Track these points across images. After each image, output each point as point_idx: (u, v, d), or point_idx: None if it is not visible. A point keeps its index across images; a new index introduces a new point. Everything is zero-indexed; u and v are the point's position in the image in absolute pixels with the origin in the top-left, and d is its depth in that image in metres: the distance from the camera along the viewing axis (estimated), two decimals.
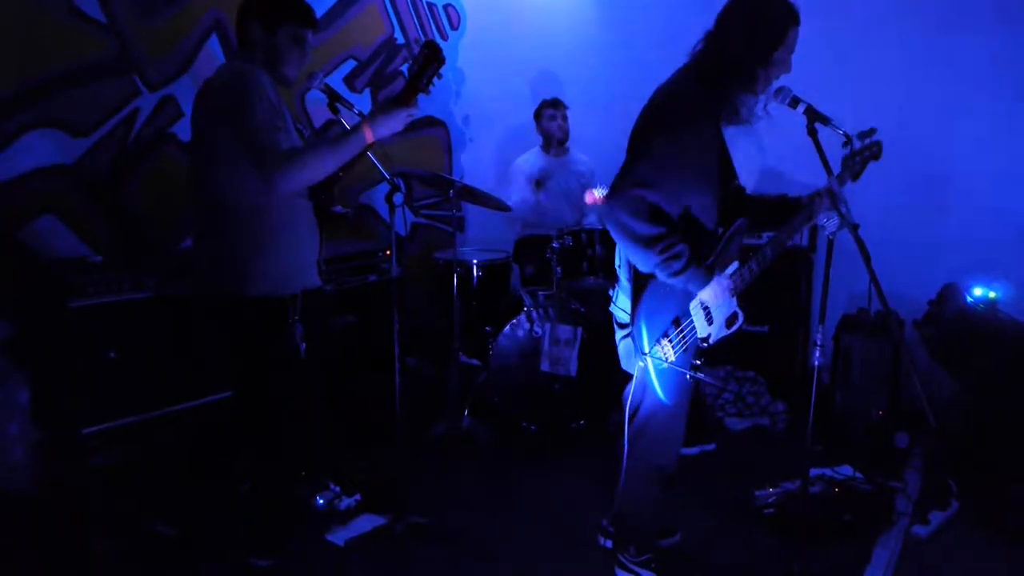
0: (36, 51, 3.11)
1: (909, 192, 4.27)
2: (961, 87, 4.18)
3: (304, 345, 2.56)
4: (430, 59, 2.42)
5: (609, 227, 2.38)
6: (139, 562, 2.75)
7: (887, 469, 3.46)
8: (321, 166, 2.37)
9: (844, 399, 3.97)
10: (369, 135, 2.38)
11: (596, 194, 3.48)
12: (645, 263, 2.33)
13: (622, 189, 2.32)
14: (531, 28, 5.27)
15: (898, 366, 3.81)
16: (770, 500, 3.12)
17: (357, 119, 2.87)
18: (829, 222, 2.38)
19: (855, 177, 2.49)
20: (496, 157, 5.35)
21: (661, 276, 2.33)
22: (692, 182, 2.35)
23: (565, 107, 4.61)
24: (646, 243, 2.27)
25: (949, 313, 3.70)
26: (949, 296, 3.76)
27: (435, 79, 2.46)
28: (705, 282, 2.35)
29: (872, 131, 2.45)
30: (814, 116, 2.32)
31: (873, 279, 2.25)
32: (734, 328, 2.54)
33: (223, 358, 2.71)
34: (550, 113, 4.58)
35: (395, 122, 2.41)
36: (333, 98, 2.75)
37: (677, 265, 2.28)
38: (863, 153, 2.47)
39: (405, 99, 2.41)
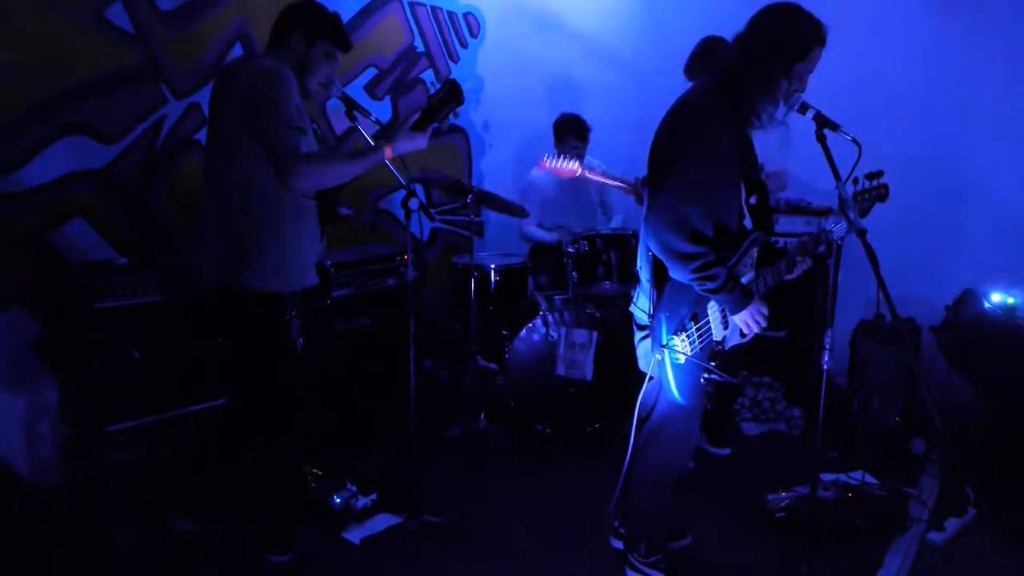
0: (67, 61, 3.21)
1: (927, 197, 4.25)
2: (981, 93, 4.16)
3: (301, 341, 2.63)
4: (449, 97, 2.54)
5: (650, 243, 2.42)
6: (160, 556, 2.81)
7: (903, 476, 3.46)
8: (337, 173, 2.53)
9: (860, 405, 3.96)
10: (388, 152, 2.51)
11: (547, 162, 3.57)
12: (683, 278, 2.38)
13: (660, 206, 2.35)
14: (550, 36, 5.31)
15: (914, 372, 3.79)
16: (782, 504, 3.13)
17: (375, 127, 2.94)
18: (837, 227, 2.40)
19: (863, 214, 2.51)
20: (515, 163, 5.38)
21: (698, 290, 2.38)
22: (720, 190, 2.39)
23: (589, 134, 4.43)
24: (683, 260, 2.33)
25: (966, 319, 3.67)
26: (966, 302, 3.74)
27: (451, 116, 2.62)
28: (742, 307, 2.39)
29: (880, 173, 2.47)
30: (823, 122, 2.35)
31: (881, 284, 2.26)
32: (748, 338, 2.57)
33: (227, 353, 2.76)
34: (574, 144, 4.36)
35: (414, 143, 2.53)
36: (350, 106, 2.81)
37: (711, 285, 2.33)
38: (871, 192, 2.50)
39: (420, 125, 2.54)
